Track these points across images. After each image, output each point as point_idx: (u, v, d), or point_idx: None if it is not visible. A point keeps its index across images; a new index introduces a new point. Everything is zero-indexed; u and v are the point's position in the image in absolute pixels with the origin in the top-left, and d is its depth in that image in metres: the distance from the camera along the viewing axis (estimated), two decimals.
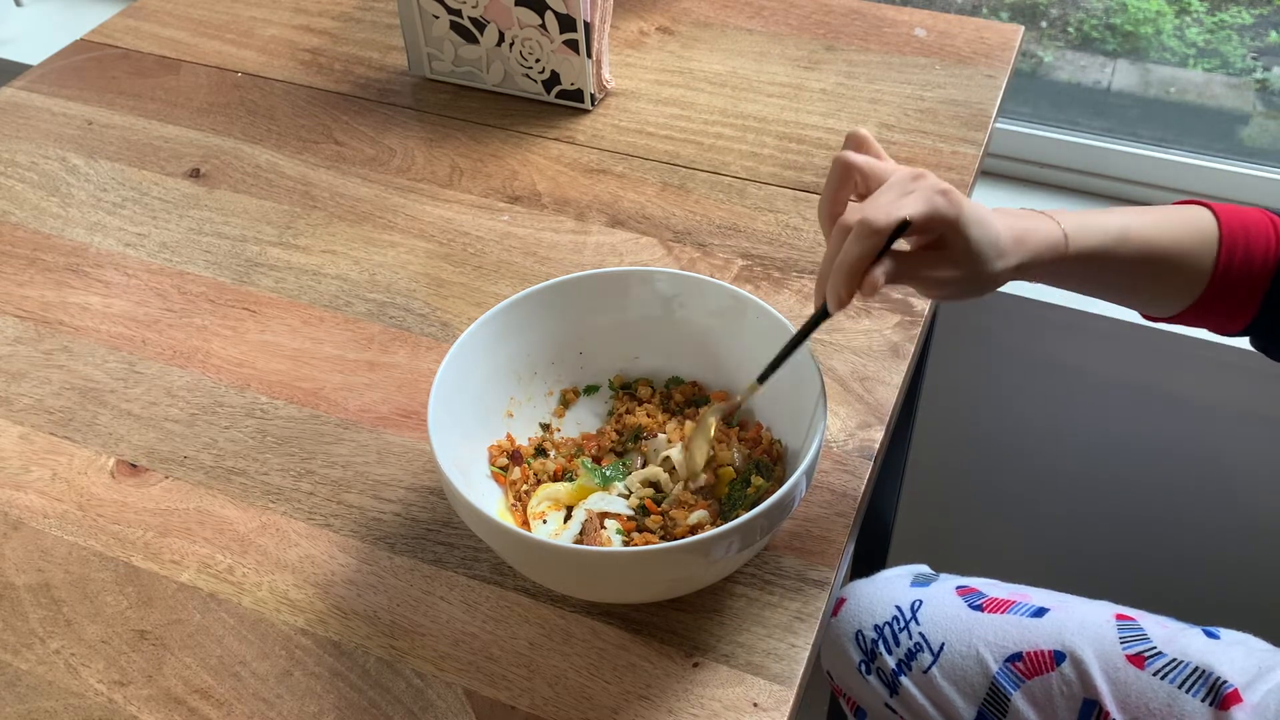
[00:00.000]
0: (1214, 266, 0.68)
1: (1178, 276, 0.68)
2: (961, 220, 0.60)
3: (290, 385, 0.79)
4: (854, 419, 0.75)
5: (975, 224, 0.61)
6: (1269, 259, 0.68)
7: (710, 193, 0.94)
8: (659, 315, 0.72)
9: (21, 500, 0.72)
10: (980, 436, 1.44)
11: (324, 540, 0.69)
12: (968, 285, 0.63)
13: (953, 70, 1.06)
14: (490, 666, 0.62)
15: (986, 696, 0.85)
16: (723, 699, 0.60)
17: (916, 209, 0.59)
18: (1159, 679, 0.82)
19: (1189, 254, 0.68)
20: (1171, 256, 0.67)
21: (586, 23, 0.97)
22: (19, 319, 0.85)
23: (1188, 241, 0.68)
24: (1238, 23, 1.27)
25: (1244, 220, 0.69)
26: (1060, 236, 0.65)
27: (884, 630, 0.91)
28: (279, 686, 0.62)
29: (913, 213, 0.58)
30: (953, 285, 0.63)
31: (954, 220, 0.60)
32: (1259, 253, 0.68)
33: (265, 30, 1.17)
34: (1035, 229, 0.64)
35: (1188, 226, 0.68)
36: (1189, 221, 0.68)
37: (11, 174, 0.99)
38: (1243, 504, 1.33)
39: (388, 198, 0.95)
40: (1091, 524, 1.44)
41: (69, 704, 0.62)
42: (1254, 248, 0.68)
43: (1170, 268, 0.68)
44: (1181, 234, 0.68)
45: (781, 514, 0.59)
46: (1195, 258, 0.68)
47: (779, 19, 1.14)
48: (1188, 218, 0.69)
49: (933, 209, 0.59)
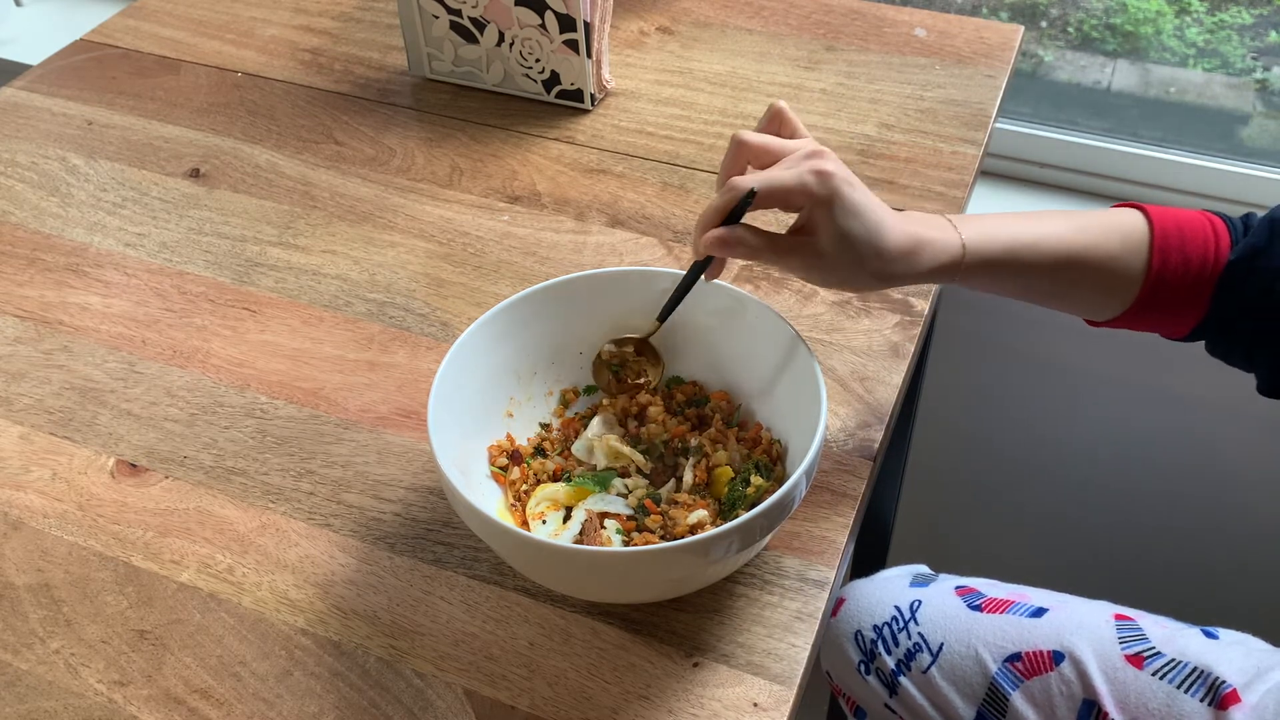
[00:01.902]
0: (1146, 268, 0.66)
1: (1104, 279, 0.67)
2: (832, 204, 0.60)
3: (290, 385, 0.79)
4: (854, 419, 0.75)
5: (849, 213, 0.61)
6: (1207, 260, 0.66)
7: (710, 192, 0.94)
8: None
9: (21, 500, 0.72)
10: (980, 436, 1.44)
11: (324, 540, 0.69)
12: (832, 276, 0.63)
13: (953, 70, 1.06)
14: (490, 666, 0.62)
15: (986, 697, 0.86)
16: (723, 699, 0.60)
17: (778, 180, 0.60)
18: (1158, 679, 0.82)
19: (1114, 256, 0.66)
20: (1092, 259, 0.66)
21: (586, 23, 0.97)
22: (19, 319, 0.85)
23: (1112, 244, 0.67)
24: (1238, 23, 1.27)
25: (1179, 222, 0.67)
26: (957, 248, 0.64)
27: (883, 630, 0.91)
28: (279, 686, 0.62)
29: (771, 182, 0.60)
30: (815, 271, 0.63)
31: (821, 200, 0.60)
32: (1196, 254, 0.66)
33: (265, 30, 1.17)
34: (932, 240, 0.64)
35: (1112, 230, 0.67)
36: (1115, 225, 0.67)
37: (11, 174, 0.99)
38: (1242, 504, 1.33)
39: (388, 198, 0.95)
40: (1091, 524, 1.44)
41: (69, 704, 0.62)
42: (1190, 249, 0.66)
43: (1092, 270, 0.67)
44: (1102, 238, 0.67)
45: (781, 514, 0.59)
46: (1123, 260, 0.66)
47: (779, 19, 1.14)
48: (1112, 222, 0.68)
49: (799, 184, 0.60)
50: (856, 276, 0.63)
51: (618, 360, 0.73)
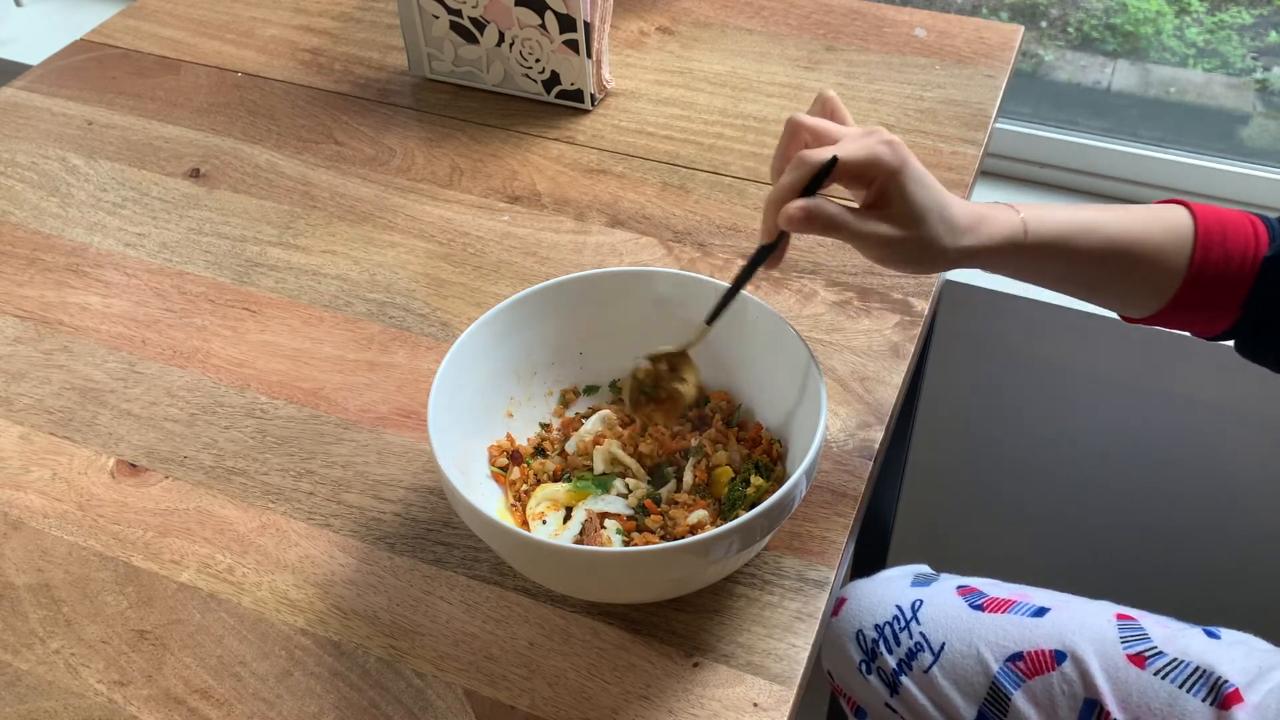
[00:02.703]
0: (1189, 263, 0.66)
1: (1148, 272, 0.67)
2: (903, 173, 0.60)
3: (290, 385, 0.79)
4: (854, 419, 0.75)
5: (918, 182, 0.61)
6: (1247, 258, 0.66)
7: (710, 193, 0.94)
8: (659, 315, 0.72)
9: (21, 500, 0.72)
10: (980, 436, 1.44)
11: (324, 540, 0.69)
12: (910, 250, 0.62)
13: (953, 70, 1.06)
14: (490, 666, 0.62)
15: (987, 696, 0.85)
16: (723, 699, 0.60)
17: (851, 151, 0.60)
18: (1160, 679, 0.81)
19: (1160, 248, 0.66)
20: (1140, 250, 0.66)
21: (586, 23, 0.97)
22: (19, 319, 0.85)
23: (1158, 236, 0.66)
24: (1238, 23, 1.27)
25: (1222, 219, 0.67)
26: (1019, 224, 0.64)
27: (885, 630, 0.91)
28: (279, 686, 0.62)
29: (846, 153, 0.60)
30: (893, 246, 0.62)
31: (894, 170, 0.60)
32: (1237, 252, 0.66)
33: (265, 30, 1.17)
34: (994, 216, 0.64)
35: (1159, 222, 0.67)
36: (1161, 218, 0.67)
37: (11, 174, 0.99)
38: (1243, 504, 1.33)
39: (388, 198, 0.95)
40: (1092, 524, 1.44)
41: (69, 704, 0.62)
42: (1232, 246, 0.66)
43: (1139, 262, 0.67)
44: (1152, 228, 0.67)
45: (781, 514, 0.59)
46: (1167, 253, 0.66)
47: (779, 19, 1.14)
48: (1160, 214, 0.68)
49: (872, 155, 0.60)
50: (928, 250, 0.62)
51: (652, 379, 0.68)
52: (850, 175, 0.61)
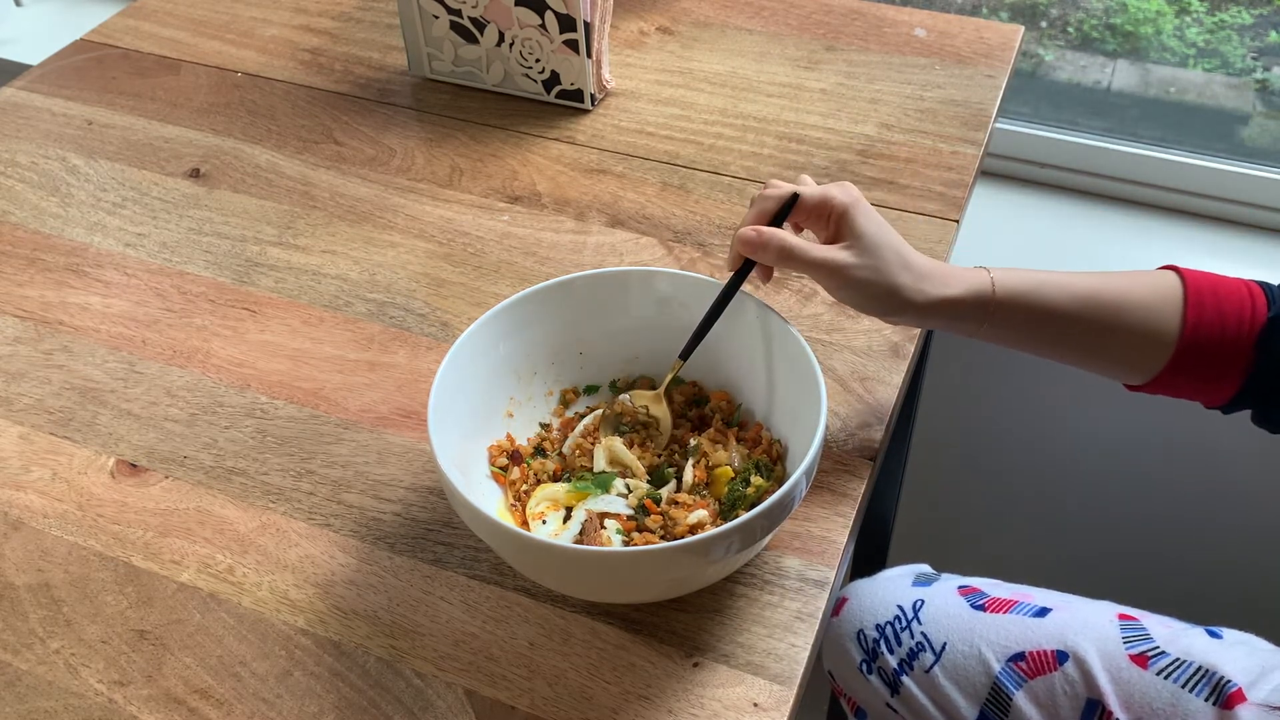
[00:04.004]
0: (1181, 323, 0.65)
1: (1136, 331, 0.66)
2: (855, 207, 0.66)
3: (290, 385, 0.79)
4: (854, 419, 0.75)
5: (868, 216, 0.66)
6: (1244, 319, 0.65)
7: (710, 193, 0.94)
8: (659, 315, 0.72)
9: (21, 500, 0.72)
10: (980, 436, 1.44)
11: (324, 540, 0.69)
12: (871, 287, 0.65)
13: (953, 70, 1.06)
14: (490, 666, 0.62)
15: (989, 696, 0.85)
16: (723, 699, 0.60)
17: (809, 190, 0.67)
18: (1162, 679, 0.81)
19: (1146, 305, 0.66)
20: (1123, 307, 0.66)
21: (586, 23, 0.97)
22: (19, 319, 0.85)
23: (1143, 293, 0.66)
24: (1238, 23, 1.27)
25: (1213, 281, 0.66)
26: (986, 278, 0.66)
27: (886, 630, 0.91)
28: (279, 686, 0.62)
29: (805, 192, 0.67)
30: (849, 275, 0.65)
31: (846, 204, 0.66)
32: (1232, 310, 0.65)
33: (265, 30, 1.17)
34: (960, 271, 0.67)
35: (1145, 283, 0.66)
36: (1145, 278, 0.67)
37: (11, 174, 0.99)
38: (1244, 504, 1.33)
39: (388, 198, 0.95)
40: (1093, 524, 1.44)
41: (69, 704, 0.62)
42: (1226, 306, 0.65)
43: (1122, 319, 0.66)
44: (1135, 285, 0.66)
45: (781, 514, 0.59)
46: (1156, 312, 0.66)
47: (779, 19, 1.14)
48: (1144, 274, 0.67)
49: (825, 192, 0.67)
50: (895, 295, 0.64)
51: (628, 419, 0.71)
52: (808, 212, 0.68)
